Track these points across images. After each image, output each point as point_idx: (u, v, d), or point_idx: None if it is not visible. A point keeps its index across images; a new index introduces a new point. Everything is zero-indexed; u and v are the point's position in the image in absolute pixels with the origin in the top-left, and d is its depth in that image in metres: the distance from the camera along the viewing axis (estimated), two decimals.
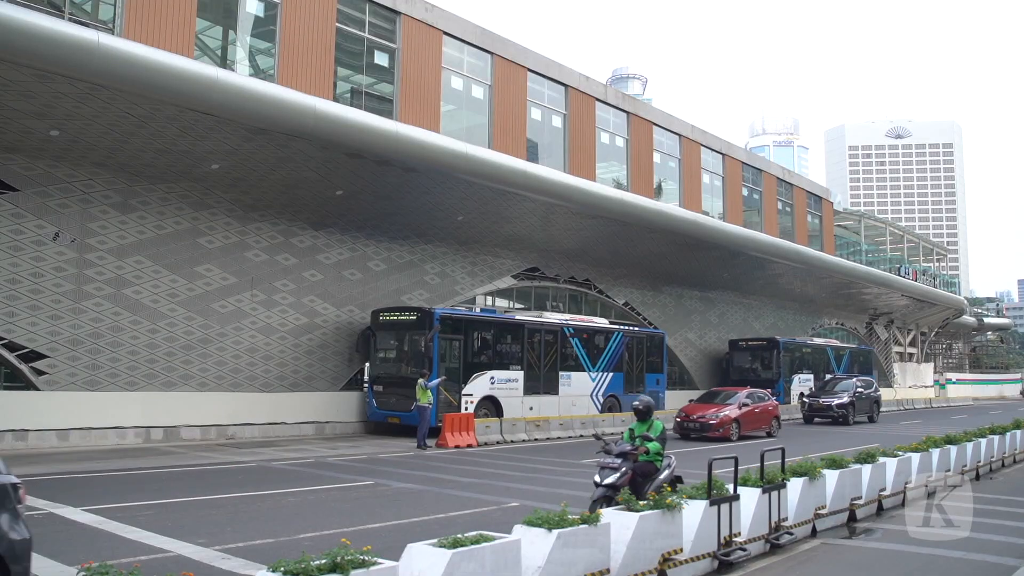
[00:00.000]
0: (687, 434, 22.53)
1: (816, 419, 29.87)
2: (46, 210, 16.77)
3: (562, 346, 24.35)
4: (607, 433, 20.17)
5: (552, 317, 24.69)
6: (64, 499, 10.23)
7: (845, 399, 29.80)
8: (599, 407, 25.54)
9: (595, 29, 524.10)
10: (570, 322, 25.03)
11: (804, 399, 31.07)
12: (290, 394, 20.85)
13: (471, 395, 21.21)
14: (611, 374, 26.04)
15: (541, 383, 23.56)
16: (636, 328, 28.48)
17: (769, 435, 23.79)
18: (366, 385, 22.04)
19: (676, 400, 33.46)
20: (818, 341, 40.20)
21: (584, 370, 25.04)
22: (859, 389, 30.49)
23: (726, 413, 22.73)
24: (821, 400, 30.03)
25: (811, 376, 37.07)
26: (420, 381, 19.05)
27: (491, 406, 21.58)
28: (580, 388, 24.83)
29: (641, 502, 7.14)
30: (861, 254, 50.25)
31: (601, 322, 26.91)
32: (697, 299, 36.23)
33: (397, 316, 21.31)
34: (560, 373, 24.16)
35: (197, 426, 18.60)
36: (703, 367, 36.29)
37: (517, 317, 23.68)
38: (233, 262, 19.75)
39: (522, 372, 22.83)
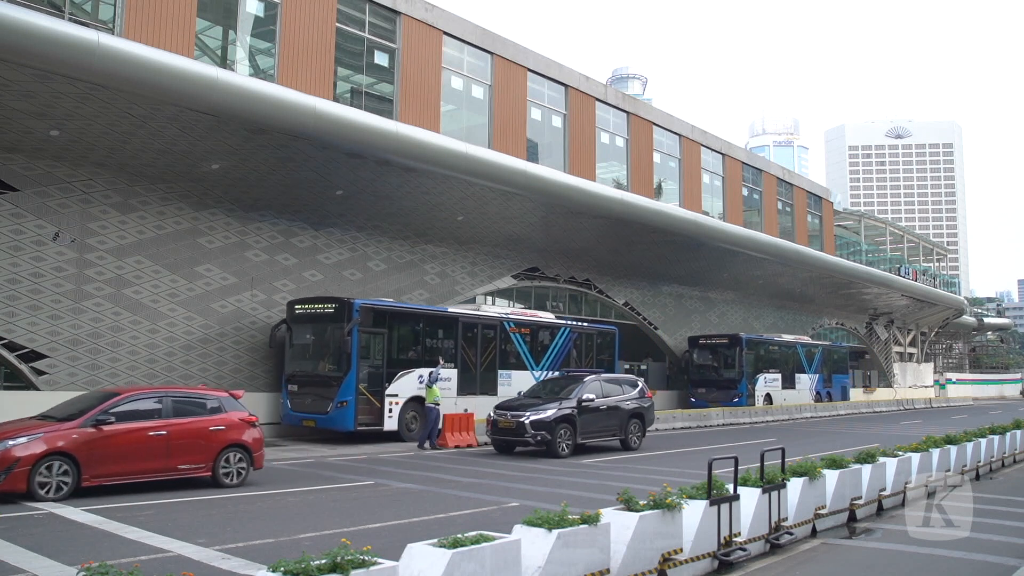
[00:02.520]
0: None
1: (516, 448, 17.55)
2: (46, 210, 16.77)
3: (502, 342, 22.48)
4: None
5: (491, 310, 22.84)
6: (64, 499, 10.23)
7: (550, 414, 16.78)
8: None
9: (595, 29, 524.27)
10: (511, 316, 23.15)
11: (492, 414, 17.72)
12: None
13: (396, 395, 19.14)
14: (551, 374, 23.12)
15: (478, 383, 21.61)
16: (586, 324, 26.36)
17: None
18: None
19: (664, 402, 33.63)
20: (787, 338, 37.72)
21: (527, 368, 22.91)
22: (587, 396, 17.48)
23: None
24: (510, 415, 17.00)
25: (778, 376, 35.41)
26: (425, 380, 19.04)
27: (419, 408, 19.24)
28: (522, 388, 21.54)
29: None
30: (861, 254, 50.26)
31: (546, 316, 25.06)
32: (697, 299, 36.23)
33: (314, 307, 19.46)
34: (499, 372, 22.22)
35: None
36: None
37: (451, 310, 21.77)
38: (233, 262, 19.76)
39: (455, 370, 20.81)
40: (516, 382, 22.22)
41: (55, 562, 7.14)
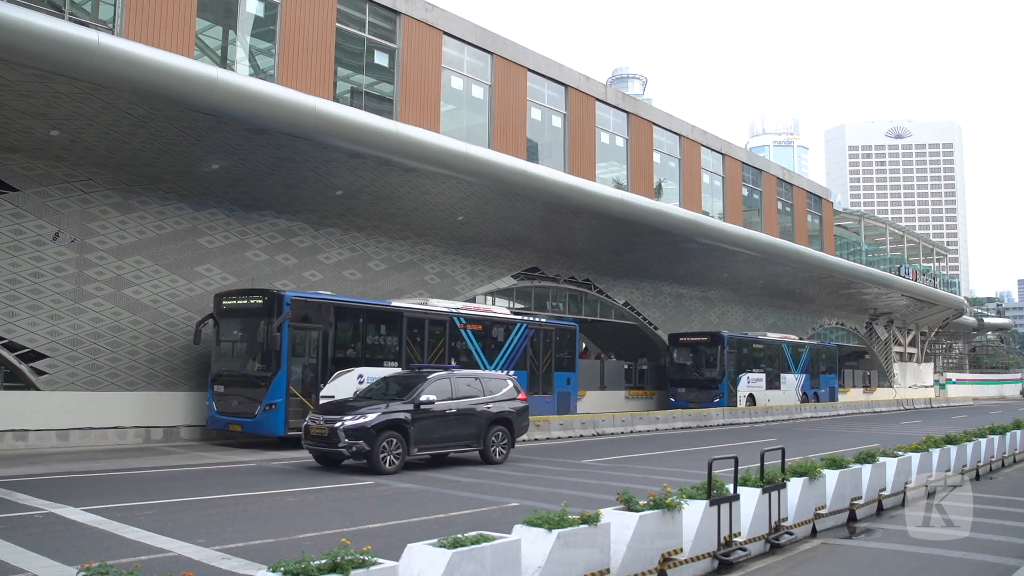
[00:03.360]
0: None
1: (336, 460, 14.20)
2: (46, 210, 16.77)
3: (451, 339, 20.69)
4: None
5: (439, 305, 20.99)
6: (64, 499, 10.24)
7: (371, 419, 13.57)
8: None
9: (595, 29, 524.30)
10: (462, 311, 21.35)
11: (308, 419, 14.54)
12: None
13: (333, 396, 16.93)
14: (511, 373, 20.83)
15: None
16: (543, 320, 24.81)
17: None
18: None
19: (659, 402, 33.56)
20: (772, 336, 36.43)
21: (479, 368, 20.96)
22: (427, 398, 14.32)
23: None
24: (323, 419, 13.88)
25: (762, 376, 34.12)
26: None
27: None
28: None
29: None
30: (861, 254, 50.26)
31: (500, 312, 23.71)
32: (697, 299, 36.23)
33: (241, 301, 17.86)
34: None
35: (198, 426, 18.59)
36: None
37: (394, 304, 19.90)
38: (233, 262, 19.75)
39: (399, 369, 18.46)
40: None
41: (55, 562, 7.14)
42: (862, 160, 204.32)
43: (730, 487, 8.13)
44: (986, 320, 79.78)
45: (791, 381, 36.30)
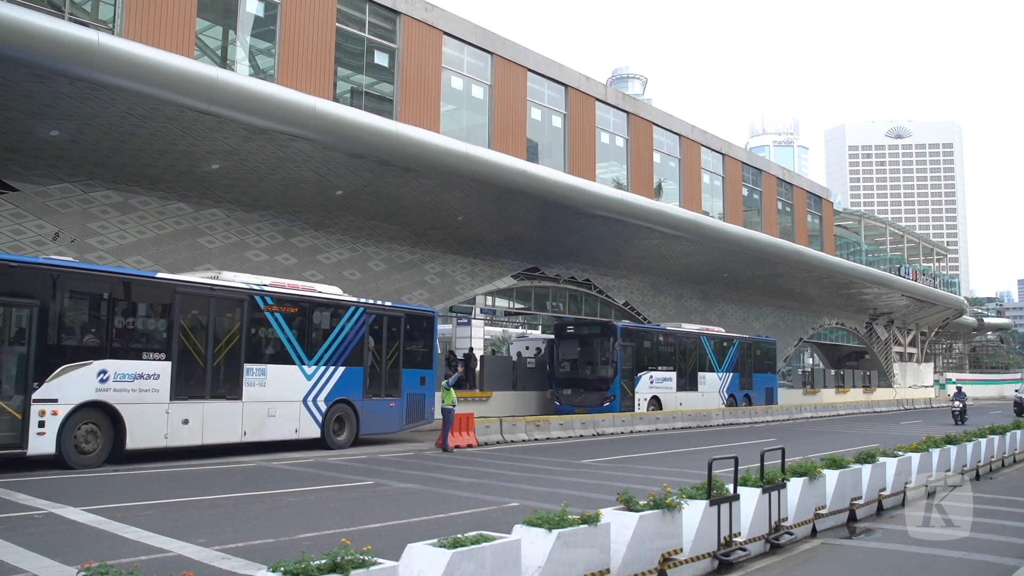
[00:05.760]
0: None
1: None
2: (46, 210, 16.77)
3: (253, 325, 16.17)
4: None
5: (234, 280, 16.33)
6: (64, 499, 10.23)
7: None
8: (318, 420, 17.04)
9: (595, 29, 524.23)
10: (268, 289, 16.60)
11: None
12: None
13: (54, 401, 12.86)
14: (341, 369, 17.75)
15: (207, 382, 15.21)
16: (389, 304, 19.71)
17: None
18: None
19: None
20: (687, 327, 30.96)
21: (293, 362, 16.76)
22: None
23: None
24: None
25: (672, 375, 28.85)
26: (444, 382, 19.01)
27: (103, 418, 13.44)
28: (283, 388, 16.48)
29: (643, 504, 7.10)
30: (861, 254, 50.28)
31: (328, 292, 18.23)
32: (697, 299, 36.23)
33: None
34: (247, 367, 15.84)
35: None
36: None
37: (160, 276, 15.07)
38: (233, 262, 19.74)
39: (170, 364, 14.49)
40: (275, 381, 16.26)
41: (55, 562, 7.13)
42: (862, 160, 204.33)
43: (730, 487, 8.12)
44: (986, 320, 79.83)
45: (713, 381, 31.18)
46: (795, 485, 9.17)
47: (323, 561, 4.54)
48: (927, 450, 12.74)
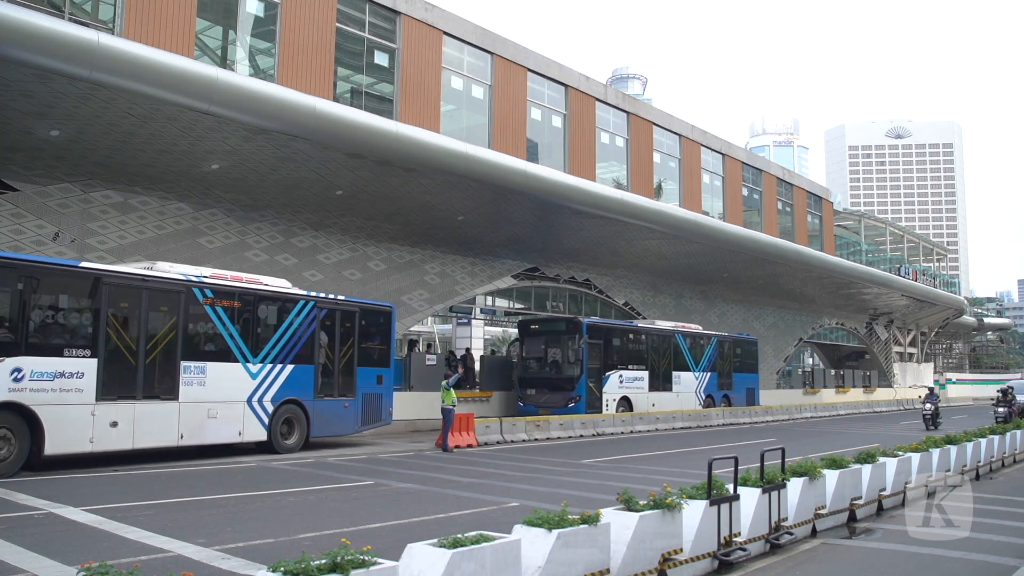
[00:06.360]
0: None
1: None
2: (46, 210, 16.77)
3: (190, 320, 14.91)
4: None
5: (171, 271, 14.97)
6: (64, 499, 10.23)
7: None
8: (265, 421, 16.02)
9: (595, 29, 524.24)
10: (208, 281, 15.32)
11: None
12: None
13: None
14: (290, 368, 16.60)
15: (139, 381, 13.89)
16: (342, 298, 18.51)
17: None
18: None
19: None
20: (661, 325, 29.42)
21: (236, 360, 15.57)
22: None
23: None
24: None
25: (644, 374, 27.17)
26: (444, 382, 19.02)
27: (17, 421, 12.20)
28: (225, 387, 15.29)
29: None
30: (861, 254, 50.29)
31: (275, 284, 16.95)
32: (697, 299, 36.24)
33: None
34: (183, 364, 14.59)
35: None
36: None
37: (84, 265, 13.91)
38: (233, 262, 19.75)
39: (96, 362, 13.23)
40: (216, 380, 15.16)
41: (55, 562, 7.13)
42: (862, 160, 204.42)
43: (730, 487, 8.13)
44: (986, 320, 79.89)
45: (689, 381, 29.56)
46: (795, 485, 9.17)
47: (323, 561, 4.53)
48: (927, 450, 12.74)
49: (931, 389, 29.43)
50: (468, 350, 30.39)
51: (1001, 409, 26.64)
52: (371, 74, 21.47)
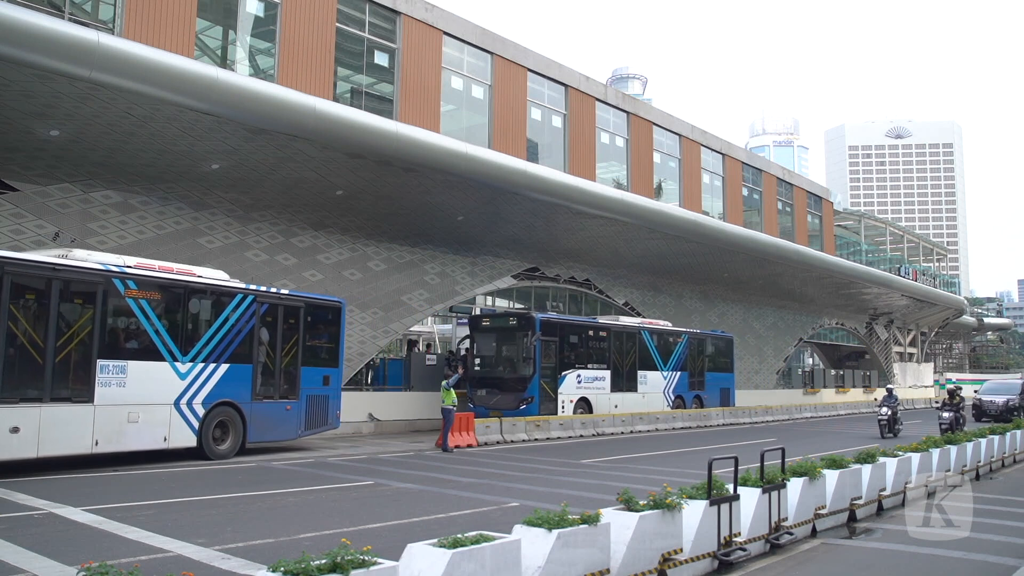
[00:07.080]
0: None
1: None
2: (46, 210, 16.77)
3: (110, 316, 13.82)
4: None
5: (87, 260, 13.86)
6: (64, 499, 10.23)
7: None
8: (194, 425, 14.84)
9: (595, 29, 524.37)
10: (131, 272, 14.29)
11: None
12: None
13: None
14: (224, 367, 15.53)
15: (48, 379, 12.72)
16: (285, 292, 17.60)
17: None
18: None
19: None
20: (625, 321, 27.81)
21: (163, 358, 14.46)
22: None
23: None
24: None
25: (605, 374, 25.39)
26: (444, 382, 19.02)
27: None
28: (151, 388, 14.23)
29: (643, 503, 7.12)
30: (861, 254, 50.28)
31: (210, 276, 15.94)
32: (697, 299, 36.23)
33: None
34: (100, 363, 13.44)
35: None
36: None
37: None
38: (233, 262, 19.74)
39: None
40: (138, 380, 13.94)
41: (55, 562, 7.14)
42: (862, 160, 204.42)
43: (730, 487, 8.13)
44: (986, 320, 79.90)
45: (656, 381, 27.88)
46: (795, 485, 9.18)
47: (323, 561, 4.54)
48: (927, 450, 12.75)
49: (890, 390, 25.81)
50: (465, 351, 30.34)
51: (946, 414, 23.17)
52: (371, 74, 21.46)
